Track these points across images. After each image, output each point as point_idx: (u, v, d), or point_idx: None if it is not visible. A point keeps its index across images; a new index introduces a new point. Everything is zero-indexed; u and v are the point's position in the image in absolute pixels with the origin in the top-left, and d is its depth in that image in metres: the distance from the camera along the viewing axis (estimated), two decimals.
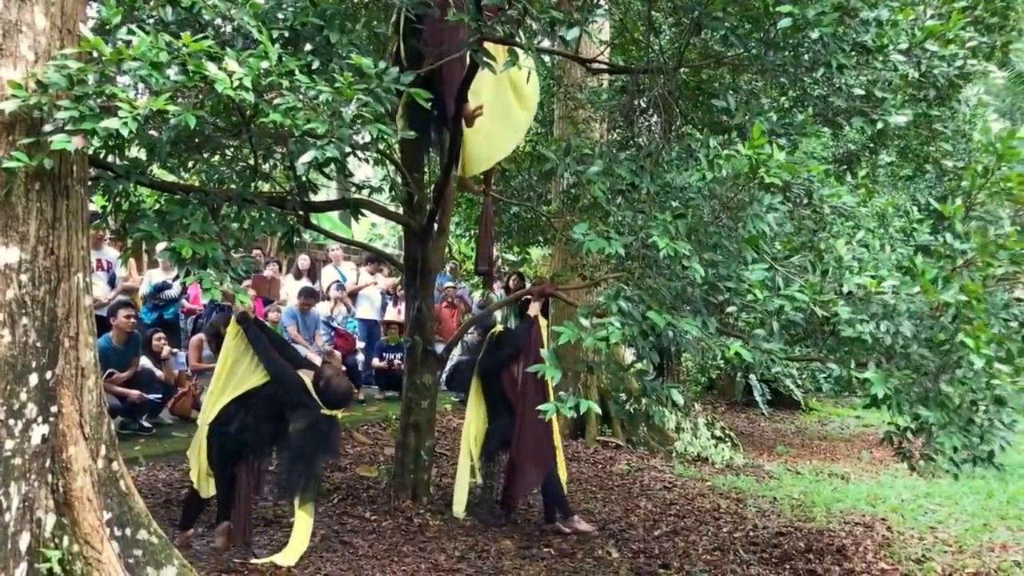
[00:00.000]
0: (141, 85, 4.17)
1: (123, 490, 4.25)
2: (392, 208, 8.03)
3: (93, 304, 4.30)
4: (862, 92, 4.83)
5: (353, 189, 7.24)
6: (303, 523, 6.01)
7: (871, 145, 12.20)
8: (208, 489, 6.09)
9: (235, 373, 6.10)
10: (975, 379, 4.56)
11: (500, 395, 7.26)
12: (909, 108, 5.08)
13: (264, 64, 3.75)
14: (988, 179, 4.87)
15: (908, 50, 4.91)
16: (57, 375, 4.02)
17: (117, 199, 6.85)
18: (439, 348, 12.16)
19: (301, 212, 7.30)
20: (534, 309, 7.15)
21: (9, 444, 3.83)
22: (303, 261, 13.58)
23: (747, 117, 4.88)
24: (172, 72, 3.75)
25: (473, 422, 7.31)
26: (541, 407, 4.24)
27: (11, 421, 3.84)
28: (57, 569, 3.88)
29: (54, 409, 4.00)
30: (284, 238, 7.81)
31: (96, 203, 7.41)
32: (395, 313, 12.08)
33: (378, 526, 6.91)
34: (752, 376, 16.52)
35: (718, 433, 11.44)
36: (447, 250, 10.22)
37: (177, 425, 9.26)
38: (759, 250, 4.48)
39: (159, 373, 9.05)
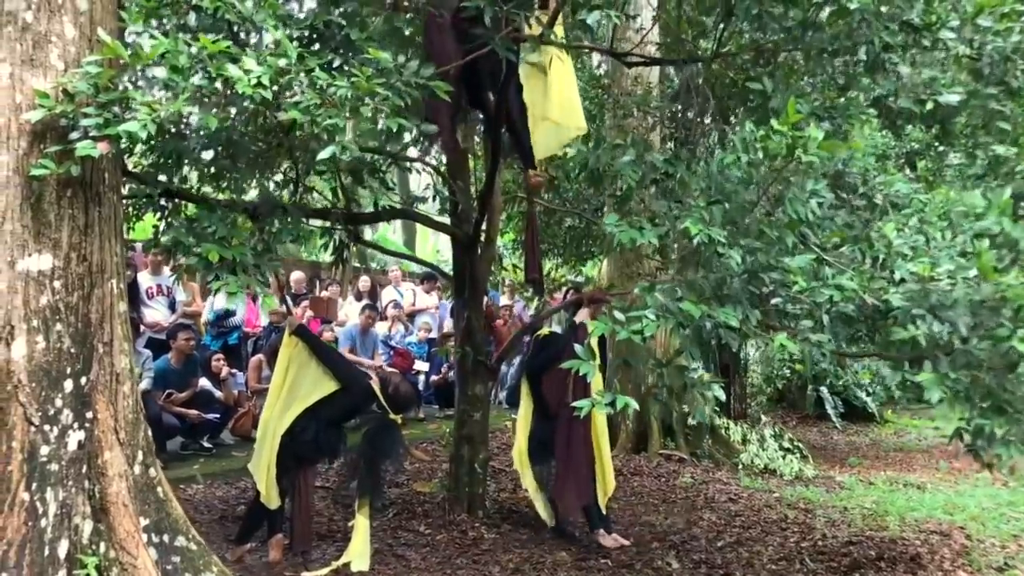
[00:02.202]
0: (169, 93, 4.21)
1: (160, 496, 4.24)
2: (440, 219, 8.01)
3: (128, 311, 4.33)
4: (908, 70, 4.61)
5: (401, 201, 7.25)
6: (362, 527, 6.02)
7: (936, 144, 11.85)
8: (277, 500, 6.08)
9: (300, 384, 6.14)
10: None
11: (542, 397, 7.13)
12: (962, 87, 4.84)
13: (282, 62, 3.75)
14: None
15: (960, 27, 4.69)
16: (92, 381, 4.04)
17: (168, 219, 6.97)
18: (502, 368, 12.17)
19: (348, 227, 7.34)
20: (582, 315, 7.01)
21: (45, 450, 3.85)
22: (364, 283, 13.69)
23: (784, 100, 4.69)
24: (196, 78, 3.78)
25: (522, 428, 7.19)
26: (576, 403, 4.10)
27: (46, 427, 3.86)
28: (94, 575, 3.87)
29: (89, 415, 4.02)
30: (335, 253, 7.86)
31: (146, 222, 7.56)
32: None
33: (432, 539, 6.81)
34: (823, 388, 16.09)
35: (786, 445, 11.09)
36: (497, 261, 10.18)
37: (237, 445, 9.33)
38: (804, 239, 4.29)
39: (218, 394, 9.14)
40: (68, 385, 3.97)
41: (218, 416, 9.03)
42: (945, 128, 11.06)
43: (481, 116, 6.95)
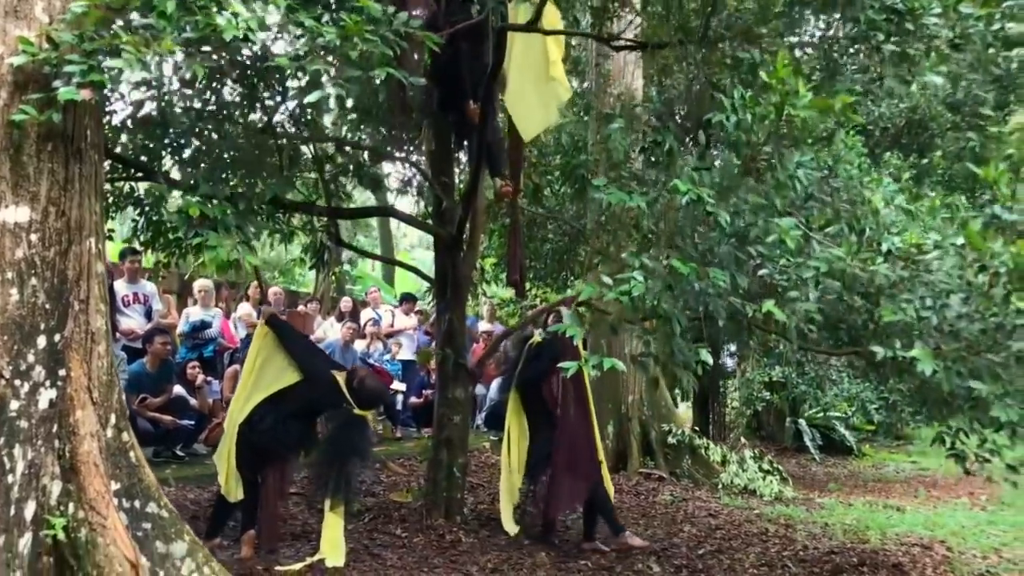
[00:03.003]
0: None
1: (132, 461, 4.11)
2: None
3: (105, 272, 4.24)
4: (895, 48, 4.65)
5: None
6: (334, 524, 5.84)
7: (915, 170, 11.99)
8: (236, 493, 5.96)
9: (265, 373, 6.02)
10: None
11: (541, 408, 7.04)
12: (945, 65, 4.88)
13: (272, 18, 3.73)
14: None
15: (943, 13, 4.75)
16: (66, 338, 3.94)
17: (147, 210, 6.91)
18: (479, 390, 12.07)
19: (330, 228, 7.29)
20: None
21: (14, 405, 3.74)
22: (345, 304, 13.58)
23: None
24: (184, 33, 3.74)
25: (515, 439, 7.07)
26: (564, 364, 4.04)
27: (17, 382, 3.76)
28: (62, 536, 3.74)
29: (62, 373, 3.91)
30: (315, 256, 7.79)
31: (124, 216, 7.49)
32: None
33: (408, 541, 6.68)
34: (802, 420, 16.06)
35: (765, 467, 11.01)
36: (479, 271, 10.13)
37: (210, 454, 9.11)
38: (792, 210, 4.28)
39: (193, 401, 8.97)
40: (41, 341, 3.87)
41: (192, 423, 8.85)
42: (923, 155, 11.23)
43: (453, 120, 6.91)
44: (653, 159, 4.30)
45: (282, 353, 6.01)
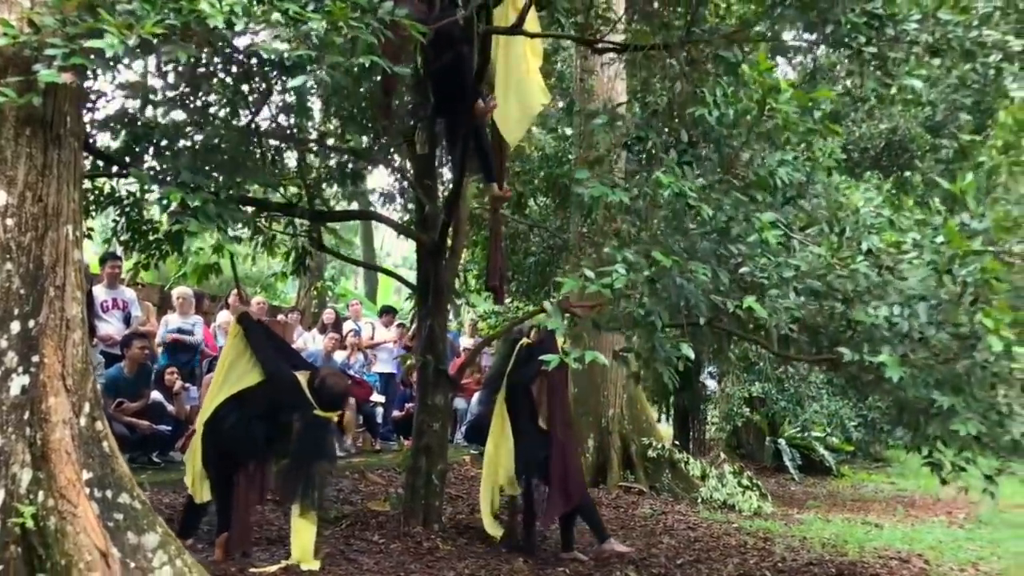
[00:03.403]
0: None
1: (106, 451, 4.06)
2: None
3: (82, 259, 4.19)
4: (874, 50, 4.69)
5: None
6: (304, 529, 5.76)
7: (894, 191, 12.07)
8: (202, 493, 5.88)
9: (232, 372, 5.95)
10: (995, 363, 4.28)
11: (528, 412, 6.97)
12: (924, 69, 4.92)
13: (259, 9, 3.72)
14: (1009, 155, 4.69)
15: (922, 19, 4.80)
16: (40, 324, 3.89)
17: (127, 210, 6.86)
18: (459, 404, 12.04)
19: (312, 233, 7.26)
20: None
21: None
22: (328, 315, 13.52)
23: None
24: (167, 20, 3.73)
25: (500, 442, 6.99)
26: (545, 356, 4.03)
27: None
28: (31, 524, 3.67)
29: (35, 360, 3.86)
30: (296, 261, 7.75)
31: (106, 216, 7.44)
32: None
33: (386, 547, 6.61)
34: (781, 440, 16.09)
35: (745, 482, 11.01)
36: (461, 278, 10.11)
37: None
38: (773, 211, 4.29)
39: (171, 408, 8.88)
40: (15, 327, 3.82)
41: (169, 429, 8.75)
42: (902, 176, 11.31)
43: (445, 126, 6.90)
44: (636, 157, 4.31)
45: (249, 353, 5.95)
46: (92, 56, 3.59)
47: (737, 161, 4.01)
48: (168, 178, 4.20)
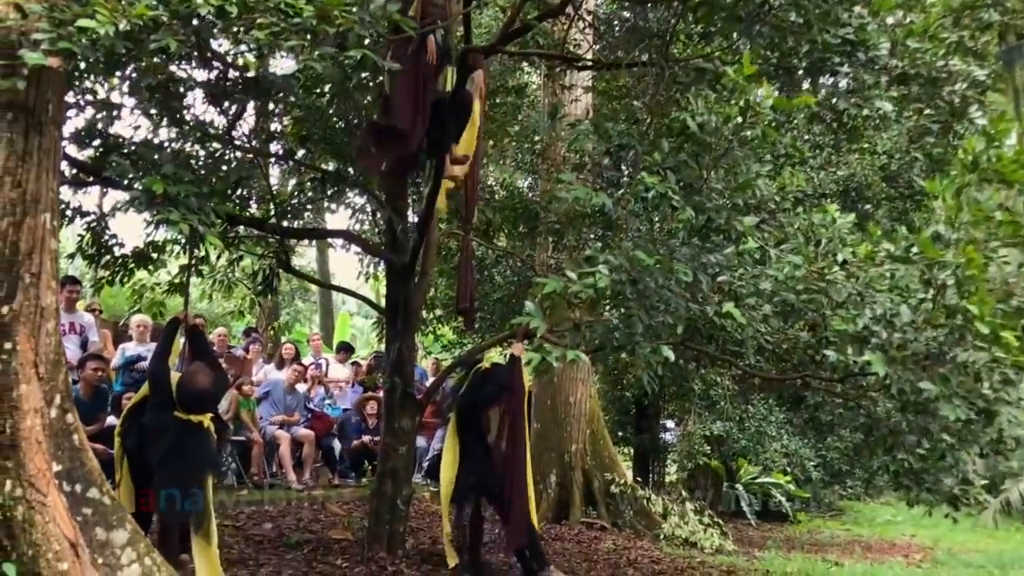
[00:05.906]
0: None
1: (76, 444, 3.96)
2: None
3: (58, 249, 4.13)
4: (849, 71, 4.83)
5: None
6: (204, 550, 5.13)
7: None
8: (129, 503, 5.55)
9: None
10: (977, 355, 4.36)
11: (476, 436, 6.91)
12: (896, 91, 5.07)
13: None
14: (978, 168, 4.79)
15: (892, 48, 4.96)
16: (15, 311, 3.81)
17: (94, 224, 6.78)
18: (420, 443, 11.91)
19: (280, 253, 7.22)
20: (518, 349, 6.92)
21: None
22: (287, 350, 13.33)
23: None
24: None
25: (449, 465, 6.92)
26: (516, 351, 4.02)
27: None
28: None
29: (8, 346, 3.77)
30: (264, 282, 7.69)
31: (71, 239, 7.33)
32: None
33: (349, 572, 6.49)
34: (739, 486, 16.13)
35: (706, 520, 11.00)
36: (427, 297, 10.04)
37: None
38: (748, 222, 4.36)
39: None
40: None
41: None
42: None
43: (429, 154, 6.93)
44: (615, 164, 4.37)
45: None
46: (81, 40, 3.58)
47: (718, 164, 4.09)
48: (150, 167, 4.16)
